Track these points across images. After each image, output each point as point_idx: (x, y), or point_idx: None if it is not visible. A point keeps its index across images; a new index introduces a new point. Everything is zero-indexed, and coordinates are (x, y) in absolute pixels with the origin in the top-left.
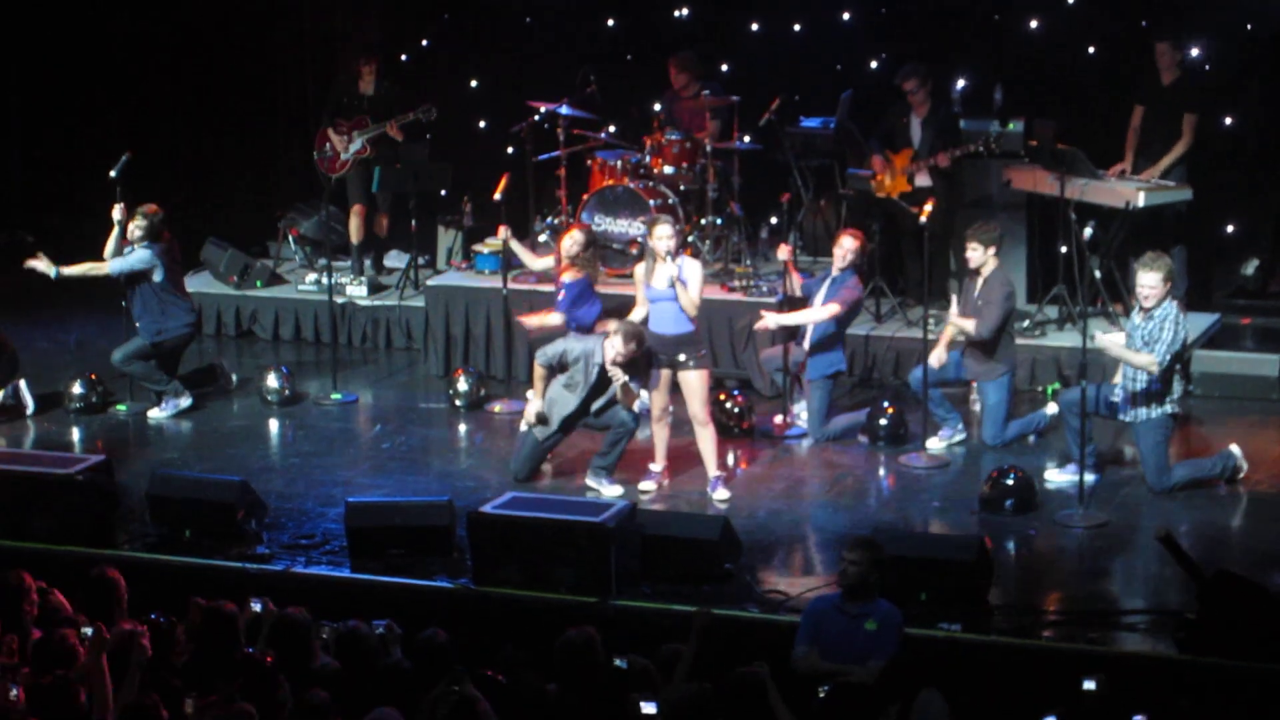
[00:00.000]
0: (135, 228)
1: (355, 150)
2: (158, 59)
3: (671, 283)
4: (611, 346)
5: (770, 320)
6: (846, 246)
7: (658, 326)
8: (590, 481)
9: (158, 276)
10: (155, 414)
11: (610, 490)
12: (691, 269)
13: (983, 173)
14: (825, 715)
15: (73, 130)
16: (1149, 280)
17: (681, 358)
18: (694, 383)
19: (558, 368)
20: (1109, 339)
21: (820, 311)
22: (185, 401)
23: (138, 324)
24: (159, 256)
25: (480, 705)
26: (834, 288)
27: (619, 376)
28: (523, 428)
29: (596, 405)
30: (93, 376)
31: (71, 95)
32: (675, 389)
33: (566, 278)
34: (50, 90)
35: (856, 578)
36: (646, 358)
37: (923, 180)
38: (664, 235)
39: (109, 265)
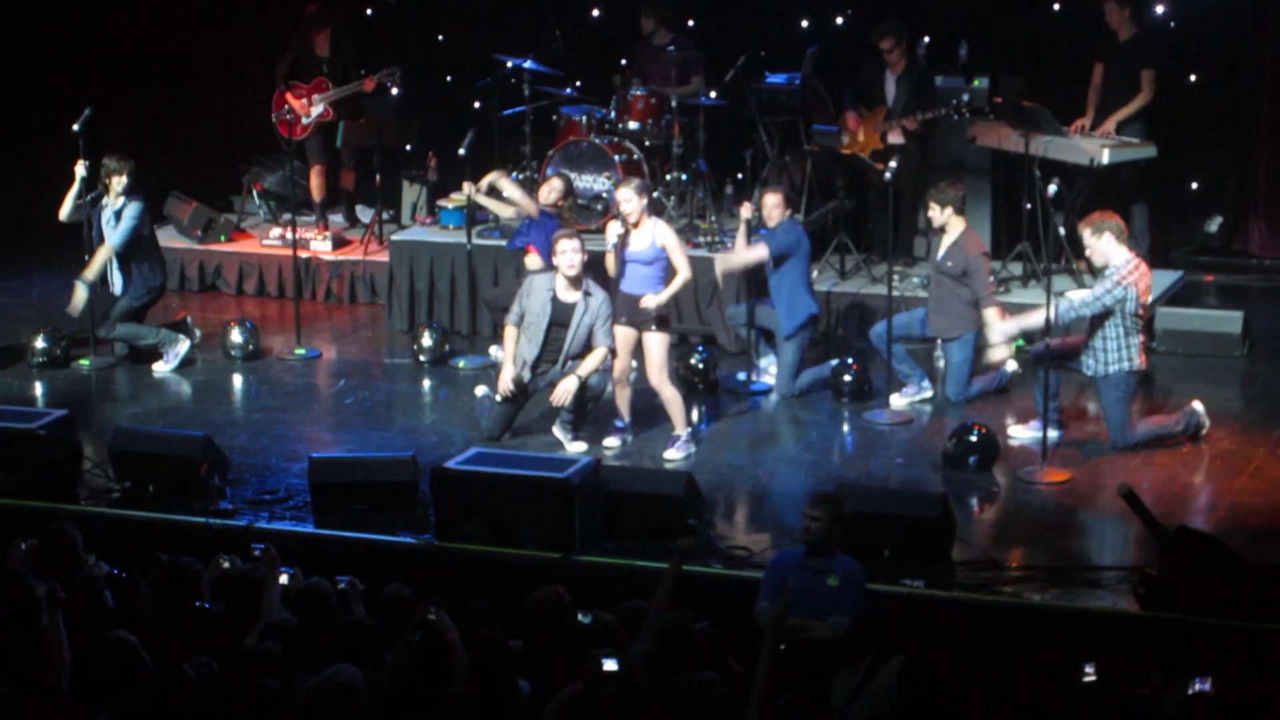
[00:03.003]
0: (118, 182)
1: (318, 114)
2: (119, 10)
3: (656, 247)
4: (568, 258)
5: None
6: (771, 203)
7: (630, 287)
8: (556, 431)
9: (146, 229)
10: (160, 368)
11: (574, 446)
12: (665, 234)
13: (956, 133)
14: (786, 670)
15: (32, 83)
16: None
17: (645, 319)
18: (652, 345)
19: (522, 319)
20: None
21: (749, 254)
22: (183, 347)
23: (122, 280)
24: (146, 209)
25: (449, 635)
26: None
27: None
28: (498, 399)
29: (567, 353)
30: (56, 330)
31: (31, 47)
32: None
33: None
34: (7, 43)
35: (819, 533)
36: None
37: (895, 138)
38: (623, 199)
39: (110, 244)
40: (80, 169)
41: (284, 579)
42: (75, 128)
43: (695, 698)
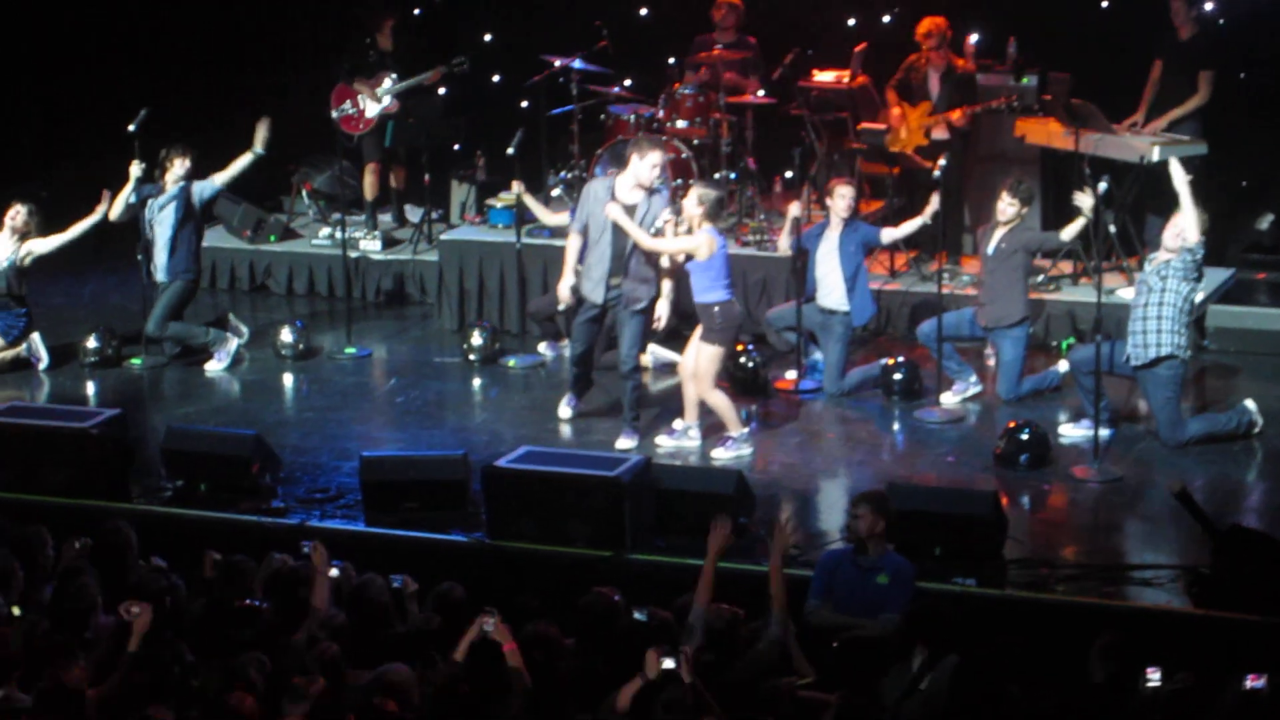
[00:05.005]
0: (180, 165)
1: (384, 108)
2: (171, 11)
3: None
4: (658, 171)
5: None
6: (850, 194)
7: (695, 294)
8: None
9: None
10: (213, 367)
11: (624, 443)
12: (693, 235)
13: (998, 128)
14: (837, 668)
15: (85, 83)
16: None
17: (702, 328)
18: (701, 355)
19: (586, 227)
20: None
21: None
22: (233, 344)
23: (168, 259)
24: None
25: (506, 647)
26: (857, 234)
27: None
28: (561, 307)
29: (628, 256)
30: (108, 330)
31: (84, 47)
32: None
33: None
34: (63, 42)
35: (863, 531)
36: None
37: (939, 134)
38: (686, 201)
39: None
40: (136, 169)
41: (333, 572)
42: (131, 128)
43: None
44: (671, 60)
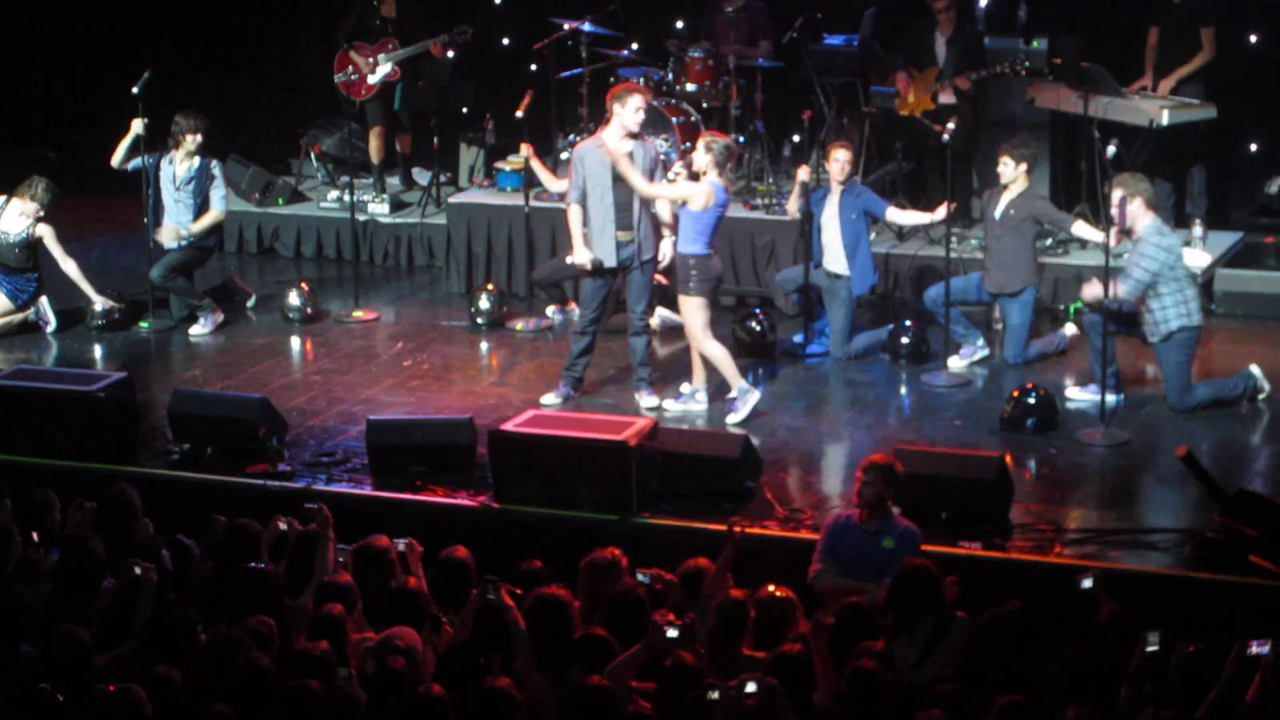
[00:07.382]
0: (192, 140)
1: (385, 74)
2: None
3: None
4: (641, 114)
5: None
6: (845, 158)
7: (679, 245)
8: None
9: None
10: (197, 330)
11: (648, 401)
12: (696, 184)
13: (1006, 92)
14: (838, 633)
15: (94, 46)
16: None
17: (679, 280)
18: (683, 310)
19: (584, 191)
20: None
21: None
22: (220, 316)
23: (193, 236)
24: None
25: (509, 615)
26: (859, 200)
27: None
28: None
29: (640, 209)
30: (115, 294)
31: (92, 11)
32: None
33: None
34: (71, 6)
35: (870, 497)
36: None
37: (946, 98)
38: (698, 152)
39: (220, 210)
40: (137, 124)
41: (342, 558)
42: (135, 90)
43: None
44: (680, 24)
